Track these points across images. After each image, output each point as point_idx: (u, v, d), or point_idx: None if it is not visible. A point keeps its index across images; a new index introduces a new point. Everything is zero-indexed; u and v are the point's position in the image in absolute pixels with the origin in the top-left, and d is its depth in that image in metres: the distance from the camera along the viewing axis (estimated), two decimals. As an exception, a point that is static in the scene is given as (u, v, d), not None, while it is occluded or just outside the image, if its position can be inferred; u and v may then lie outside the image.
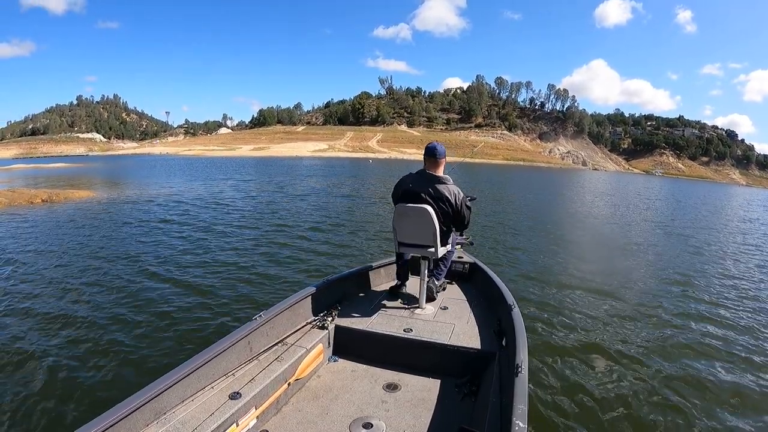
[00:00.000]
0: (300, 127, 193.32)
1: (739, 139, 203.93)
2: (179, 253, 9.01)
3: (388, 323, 3.61)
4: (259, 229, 11.87)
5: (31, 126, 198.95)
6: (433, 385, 3.08)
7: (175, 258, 8.62)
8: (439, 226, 3.68)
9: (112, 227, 11.78)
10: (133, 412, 2.11)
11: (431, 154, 3.89)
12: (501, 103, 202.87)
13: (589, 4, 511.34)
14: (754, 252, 12.85)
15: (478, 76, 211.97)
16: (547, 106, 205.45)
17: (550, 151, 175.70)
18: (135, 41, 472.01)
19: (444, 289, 4.42)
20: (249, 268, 7.91)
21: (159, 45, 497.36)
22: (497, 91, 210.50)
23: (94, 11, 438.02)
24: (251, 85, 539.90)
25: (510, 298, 3.48)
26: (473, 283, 4.70)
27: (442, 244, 3.84)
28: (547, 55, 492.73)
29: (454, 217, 3.90)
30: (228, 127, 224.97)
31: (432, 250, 3.76)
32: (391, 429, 2.61)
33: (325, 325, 3.44)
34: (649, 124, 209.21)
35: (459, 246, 4.90)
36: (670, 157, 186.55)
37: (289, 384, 2.87)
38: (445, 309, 3.97)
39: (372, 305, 3.99)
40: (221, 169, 46.88)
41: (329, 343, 3.44)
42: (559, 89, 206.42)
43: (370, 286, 4.50)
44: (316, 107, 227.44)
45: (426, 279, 3.95)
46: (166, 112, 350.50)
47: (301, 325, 3.42)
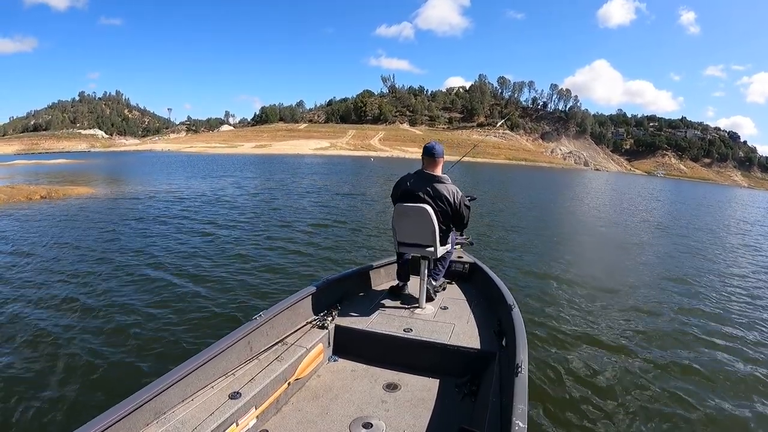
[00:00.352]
0: (302, 125, 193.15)
1: (742, 141, 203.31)
2: (177, 251, 8.99)
3: (388, 323, 3.61)
4: (259, 227, 11.88)
5: (33, 122, 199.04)
6: (433, 385, 3.08)
7: (172, 256, 8.60)
8: (438, 225, 3.67)
9: (110, 224, 11.77)
10: (132, 412, 2.10)
11: (429, 153, 3.89)
12: (503, 103, 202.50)
13: (592, 4, 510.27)
14: (753, 253, 12.84)
15: (480, 76, 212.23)
16: (549, 106, 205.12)
17: (552, 151, 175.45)
18: (137, 38, 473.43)
19: (444, 289, 4.42)
20: (249, 266, 7.91)
21: (161, 42, 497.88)
22: (500, 90, 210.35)
23: (97, 8, 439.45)
24: (253, 82, 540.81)
25: (510, 298, 3.47)
26: (473, 283, 4.69)
27: (442, 244, 3.84)
28: (549, 54, 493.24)
29: (453, 217, 3.89)
30: (230, 125, 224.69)
31: (431, 249, 3.75)
32: (391, 429, 2.60)
33: (325, 324, 3.43)
34: (651, 125, 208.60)
35: (459, 246, 4.90)
36: (672, 159, 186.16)
37: (289, 384, 2.87)
38: (445, 309, 3.96)
39: (372, 305, 3.98)
40: (222, 166, 46.83)
41: (329, 342, 3.44)
42: (561, 89, 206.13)
43: (370, 286, 4.49)
44: (318, 105, 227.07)
45: (426, 279, 3.95)
46: (169, 109, 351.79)
47: (301, 324, 3.41)
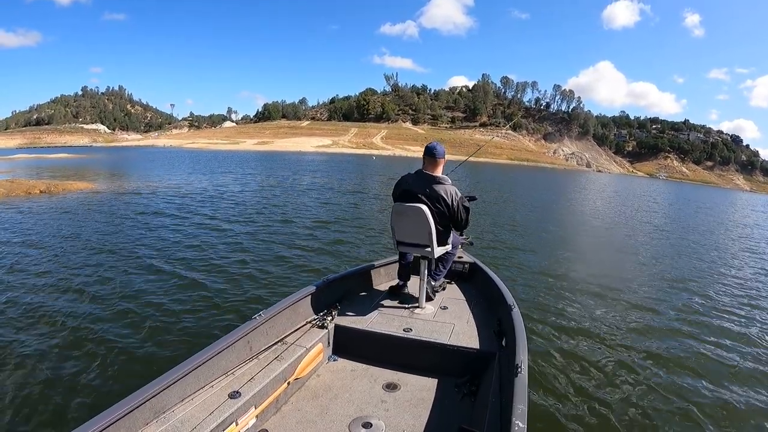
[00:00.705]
0: (304, 122, 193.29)
1: (744, 144, 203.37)
2: (176, 247, 9.00)
3: (388, 323, 3.60)
4: (260, 224, 11.90)
5: (35, 116, 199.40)
6: (432, 385, 3.08)
7: (170, 252, 8.60)
8: (435, 225, 3.67)
9: (108, 219, 11.79)
10: (132, 411, 2.10)
11: (430, 153, 3.88)
12: (506, 103, 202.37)
13: (596, 5, 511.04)
14: (754, 257, 12.83)
15: (483, 75, 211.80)
16: (552, 106, 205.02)
17: (554, 152, 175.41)
18: (141, 34, 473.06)
19: (444, 289, 4.42)
20: (249, 264, 7.92)
21: (165, 38, 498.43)
22: (503, 90, 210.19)
23: (101, 3, 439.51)
24: (256, 79, 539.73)
25: (510, 298, 3.47)
26: (473, 283, 4.69)
27: (440, 244, 3.83)
28: (553, 55, 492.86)
29: (451, 218, 3.87)
30: (232, 121, 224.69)
31: (428, 249, 3.74)
32: (391, 429, 2.60)
33: (325, 324, 3.43)
34: (654, 127, 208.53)
35: (459, 246, 4.90)
36: (675, 161, 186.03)
37: (288, 383, 2.86)
38: (445, 309, 3.96)
39: (372, 305, 3.98)
40: (223, 162, 46.91)
41: (329, 342, 3.44)
42: (564, 90, 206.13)
43: (369, 286, 4.49)
44: (320, 103, 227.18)
45: (426, 279, 3.95)
46: (171, 105, 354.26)
47: (301, 324, 3.41)
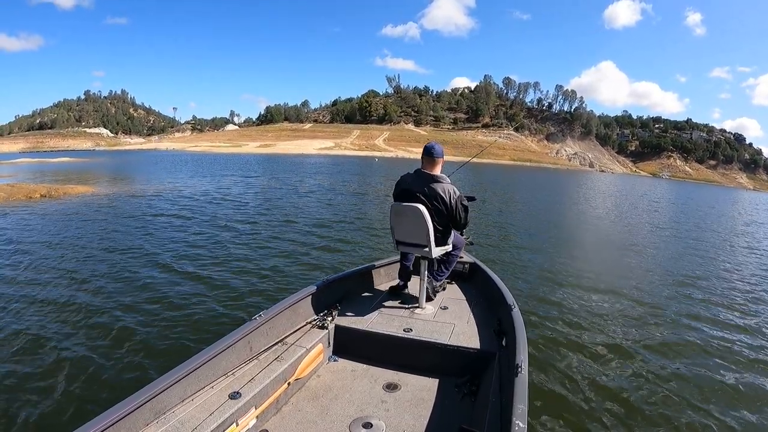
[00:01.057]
0: (307, 125, 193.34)
1: (747, 143, 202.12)
2: (176, 249, 9.01)
3: (388, 323, 3.61)
4: (263, 225, 11.92)
5: (38, 120, 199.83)
6: (432, 385, 3.08)
7: (171, 254, 8.62)
8: (433, 225, 3.67)
9: (107, 222, 11.79)
10: (132, 412, 2.10)
11: (428, 153, 3.91)
12: (508, 104, 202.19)
13: (598, 5, 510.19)
14: (755, 254, 12.80)
15: (485, 76, 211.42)
16: (554, 107, 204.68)
17: (557, 152, 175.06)
18: (143, 37, 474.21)
19: (444, 289, 4.43)
20: (251, 264, 7.94)
21: (167, 41, 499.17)
22: (505, 91, 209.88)
23: (103, 7, 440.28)
24: (259, 82, 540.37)
25: (510, 298, 3.48)
26: (473, 283, 4.69)
27: (438, 244, 3.84)
28: (555, 55, 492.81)
29: (449, 216, 3.87)
30: (235, 124, 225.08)
31: (426, 249, 3.74)
32: (391, 429, 2.60)
33: (325, 324, 3.44)
34: (656, 126, 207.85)
35: (462, 247, 4.90)
36: (678, 160, 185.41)
37: (288, 384, 2.87)
38: (445, 309, 3.97)
39: (372, 305, 3.99)
40: (226, 165, 46.90)
41: (329, 342, 3.44)
42: (567, 90, 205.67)
43: (370, 286, 4.50)
44: (323, 105, 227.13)
45: (426, 279, 3.95)
46: (174, 108, 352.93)
47: (301, 324, 3.42)
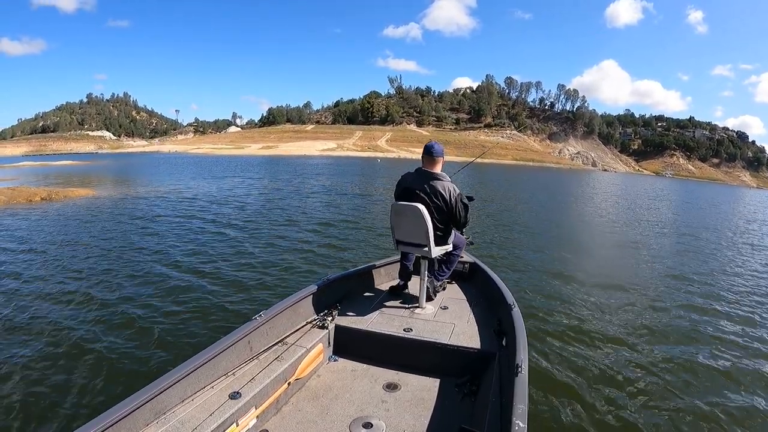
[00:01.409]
0: (309, 126, 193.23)
1: (750, 140, 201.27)
2: (177, 250, 9.06)
3: (388, 323, 3.61)
4: (264, 226, 11.96)
5: (41, 124, 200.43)
6: (433, 385, 3.08)
7: (171, 254, 8.67)
8: (432, 224, 3.68)
9: (107, 225, 11.83)
10: (132, 412, 2.10)
11: (428, 152, 3.94)
12: (510, 103, 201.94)
13: (599, 4, 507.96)
14: (757, 251, 12.76)
15: (487, 76, 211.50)
16: (557, 106, 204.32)
17: (559, 152, 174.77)
18: (145, 40, 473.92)
19: (444, 288, 4.43)
20: (252, 264, 7.98)
21: (169, 44, 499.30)
22: (507, 91, 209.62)
23: (105, 10, 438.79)
24: (260, 84, 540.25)
25: (510, 298, 3.47)
26: (473, 283, 4.69)
27: (438, 244, 3.84)
28: (557, 55, 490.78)
29: (449, 214, 3.88)
30: (237, 126, 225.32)
31: (426, 249, 3.75)
32: (391, 429, 2.60)
33: (326, 324, 3.44)
34: (659, 125, 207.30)
35: (463, 247, 4.90)
36: (681, 159, 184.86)
37: (289, 384, 2.88)
38: (445, 309, 3.97)
39: (372, 305, 3.99)
40: (228, 167, 46.95)
41: (329, 342, 3.44)
42: (569, 89, 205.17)
43: (370, 286, 4.50)
44: (325, 106, 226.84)
45: (426, 279, 3.95)
46: (176, 111, 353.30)
47: (301, 324, 3.42)
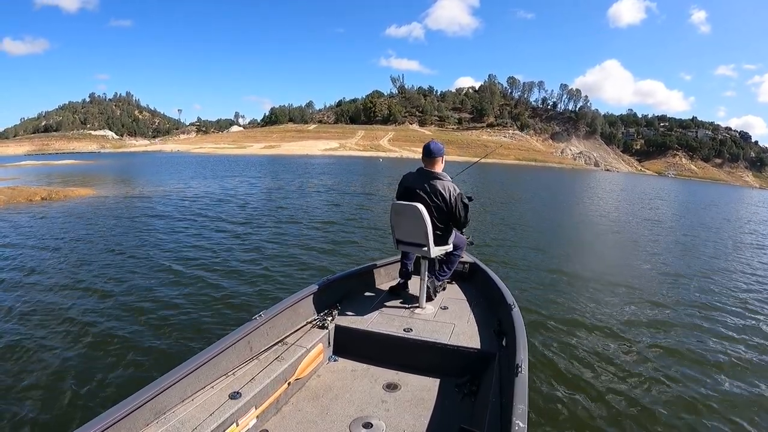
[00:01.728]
0: (311, 126, 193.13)
1: (753, 141, 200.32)
2: (177, 250, 9.06)
3: (388, 323, 3.62)
4: (265, 226, 11.97)
5: (44, 123, 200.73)
6: (433, 385, 3.09)
7: (172, 254, 8.67)
8: (431, 224, 3.68)
9: (105, 225, 11.85)
10: (132, 412, 2.11)
11: (427, 152, 3.97)
12: (513, 103, 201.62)
13: (602, 4, 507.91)
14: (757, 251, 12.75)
15: (490, 76, 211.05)
16: (559, 106, 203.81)
17: (562, 152, 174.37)
18: (147, 39, 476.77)
19: (444, 289, 4.43)
20: (253, 264, 7.99)
21: (172, 43, 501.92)
22: (509, 90, 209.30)
23: (107, 9, 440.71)
24: (263, 84, 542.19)
25: (510, 298, 3.48)
26: (473, 283, 4.70)
27: (438, 244, 3.84)
28: (559, 54, 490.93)
29: (449, 214, 3.88)
30: (240, 125, 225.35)
31: (425, 249, 3.75)
32: (391, 429, 2.61)
33: (326, 324, 3.44)
34: (662, 125, 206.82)
35: (464, 247, 4.89)
36: (683, 159, 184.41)
37: (289, 384, 2.88)
38: (445, 309, 3.97)
39: (372, 305, 4.00)
40: (230, 167, 47.01)
41: (329, 342, 3.45)
42: (571, 89, 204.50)
43: (370, 286, 4.50)
44: (327, 106, 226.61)
45: (426, 279, 3.95)
46: (179, 110, 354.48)
47: (301, 324, 3.43)
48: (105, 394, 3.82)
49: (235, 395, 2.52)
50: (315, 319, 3.50)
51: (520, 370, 2.39)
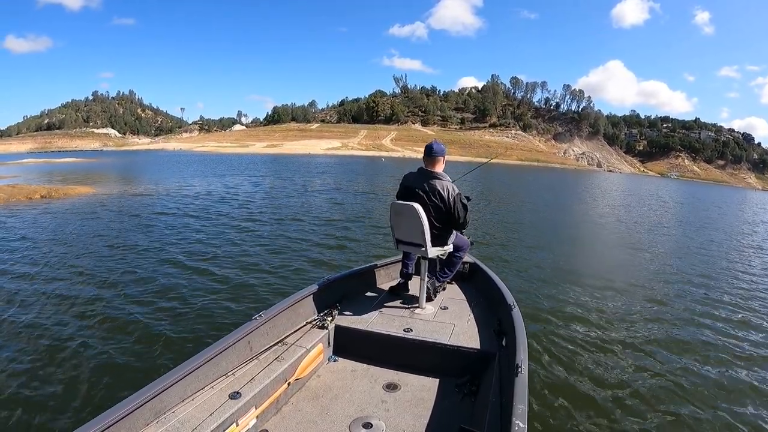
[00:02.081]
0: (314, 125, 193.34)
1: (756, 142, 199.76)
2: (177, 248, 9.05)
3: (388, 323, 3.62)
4: (267, 224, 11.98)
5: (47, 121, 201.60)
6: (433, 385, 3.09)
7: (171, 253, 8.65)
8: (429, 223, 3.69)
9: (103, 223, 11.84)
10: (132, 412, 2.10)
11: (428, 151, 3.98)
12: (516, 103, 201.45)
13: (605, 5, 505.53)
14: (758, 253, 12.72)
15: (493, 76, 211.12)
16: (562, 106, 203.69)
17: (564, 152, 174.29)
18: (151, 38, 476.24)
19: (444, 289, 4.43)
20: (255, 262, 8.00)
21: (174, 42, 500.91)
22: (512, 90, 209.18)
23: (111, 7, 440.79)
24: (266, 82, 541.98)
25: (510, 298, 3.48)
26: (473, 283, 4.69)
27: (436, 244, 3.83)
28: (562, 55, 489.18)
29: (447, 213, 3.87)
30: (242, 124, 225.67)
31: (423, 249, 3.74)
32: (391, 429, 2.61)
33: (325, 324, 3.44)
34: (665, 126, 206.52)
35: (467, 248, 4.89)
36: (686, 160, 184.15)
37: (289, 384, 2.88)
38: (445, 309, 3.97)
39: (372, 305, 4.00)
40: (232, 166, 47.11)
41: (329, 342, 3.45)
42: (574, 90, 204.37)
43: (370, 286, 4.50)
44: (330, 105, 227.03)
45: (426, 279, 3.95)
46: (182, 109, 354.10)
47: (301, 324, 3.43)
48: (104, 394, 3.80)
49: (235, 395, 2.52)
50: (315, 319, 3.50)
51: (520, 370, 2.38)
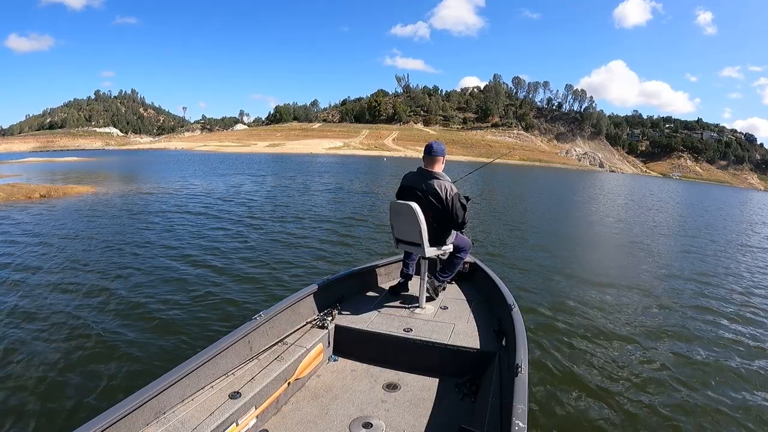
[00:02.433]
0: (316, 125, 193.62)
1: (758, 143, 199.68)
2: (177, 248, 8.99)
3: (388, 323, 3.62)
4: (268, 223, 11.94)
5: (49, 120, 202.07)
6: (432, 385, 3.09)
7: (171, 253, 8.61)
8: (427, 223, 3.69)
9: (105, 223, 11.78)
10: (132, 412, 2.10)
11: (428, 151, 3.99)
12: (518, 103, 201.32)
13: (608, 5, 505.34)
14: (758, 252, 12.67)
15: (495, 76, 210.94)
16: (564, 106, 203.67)
17: (566, 152, 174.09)
18: (153, 37, 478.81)
19: (444, 288, 4.41)
20: (253, 263, 7.96)
21: (176, 41, 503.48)
22: (514, 90, 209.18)
23: (113, 7, 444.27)
24: (268, 82, 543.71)
25: (510, 298, 3.48)
26: (473, 282, 4.69)
27: (434, 244, 3.82)
28: (565, 55, 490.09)
29: (445, 212, 3.86)
30: (244, 124, 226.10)
31: (421, 248, 3.75)
32: (391, 429, 2.61)
33: (325, 324, 3.44)
34: (667, 126, 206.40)
35: (468, 249, 4.88)
36: (688, 161, 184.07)
37: (288, 384, 2.88)
38: (445, 309, 3.97)
39: (372, 305, 4.00)
40: (233, 165, 47.04)
41: (329, 342, 3.45)
42: (576, 90, 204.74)
43: (370, 286, 4.50)
44: (332, 105, 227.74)
45: (426, 278, 3.95)
46: (183, 108, 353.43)
47: (301, 324, 3.43)
48: (103, 394, 3.80)
49: (235, 395, 2.52)
50: (315, 319, 3.50)
51: (520, 370, 2.38)
